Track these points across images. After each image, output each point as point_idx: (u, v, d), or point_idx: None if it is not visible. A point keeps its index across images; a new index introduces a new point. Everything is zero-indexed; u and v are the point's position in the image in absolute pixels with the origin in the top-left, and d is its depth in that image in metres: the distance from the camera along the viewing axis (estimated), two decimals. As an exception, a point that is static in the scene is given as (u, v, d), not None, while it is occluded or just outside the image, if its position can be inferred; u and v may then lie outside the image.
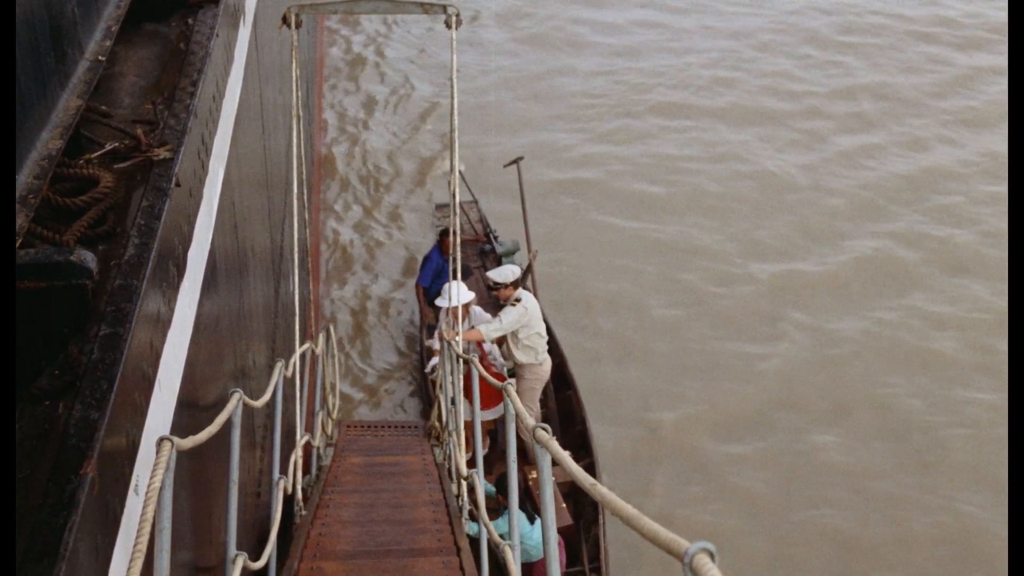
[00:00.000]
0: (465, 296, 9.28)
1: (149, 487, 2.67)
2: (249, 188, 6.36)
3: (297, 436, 6.78)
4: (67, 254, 2.89)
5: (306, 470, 7.61)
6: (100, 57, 3.96)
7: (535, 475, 8.00)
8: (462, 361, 7.34)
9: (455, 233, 7.23)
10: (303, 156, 7.04)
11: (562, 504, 8.58)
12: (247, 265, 6.11)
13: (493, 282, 9.19)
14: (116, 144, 3.72)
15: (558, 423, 9.71)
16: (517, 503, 4.93)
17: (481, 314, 9.74)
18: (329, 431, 9.08)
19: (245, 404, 4.31)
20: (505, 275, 9.15)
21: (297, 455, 6.47)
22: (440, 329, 9.51)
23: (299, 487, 6.62)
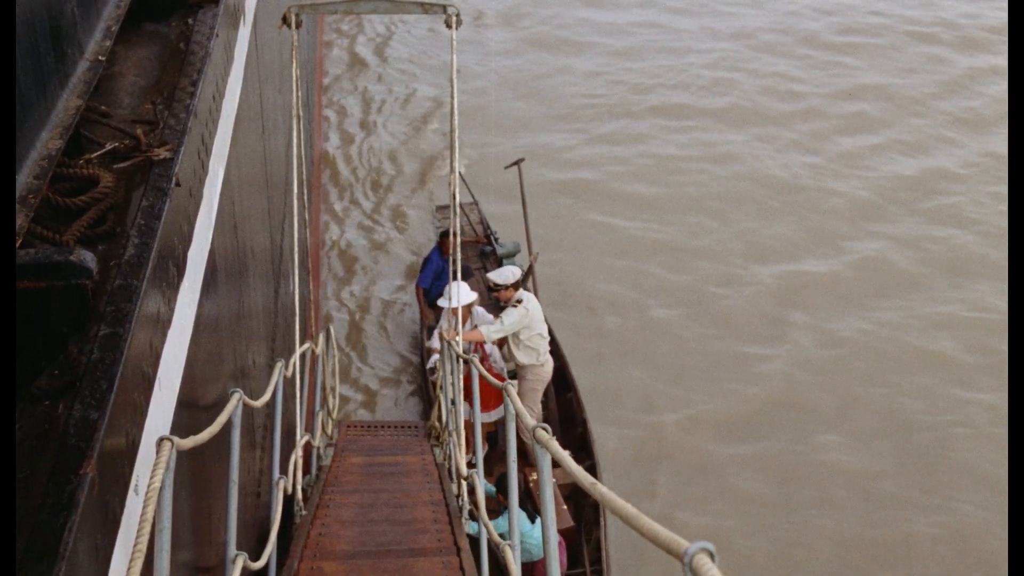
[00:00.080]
0: (468, 297, 9.27)
1: (149, 487, 2.67)
2: (249, 188, 6.36)
3: (297, 436, 6.78)
4: (67, 254, 2.89)
5: (306, 470, 7.61)
6: (100, 57, 3.96)
7: (536, 477, 8.00)
8: (462, 361, 7.34)
9: (455, 234, 7.21)
10: (303, 156, 7.04)
11: (563, 506, 8.57)
12: (247, 265, 6.10)
13: (493, 284, 9.17)
14: (116, 144, 3.72)
15: (559, 425, 9.70)
16: (517, 503, 4.92)
17: (484, 315, 9.72)
18: (329, 431, 9.08)
19: (245, 404, 4.31)
20: (505, 277, 9.14)
21: (297, 455, 6.47)
22: (441, 329, 9.50)
23: (299, 487, 6.61)
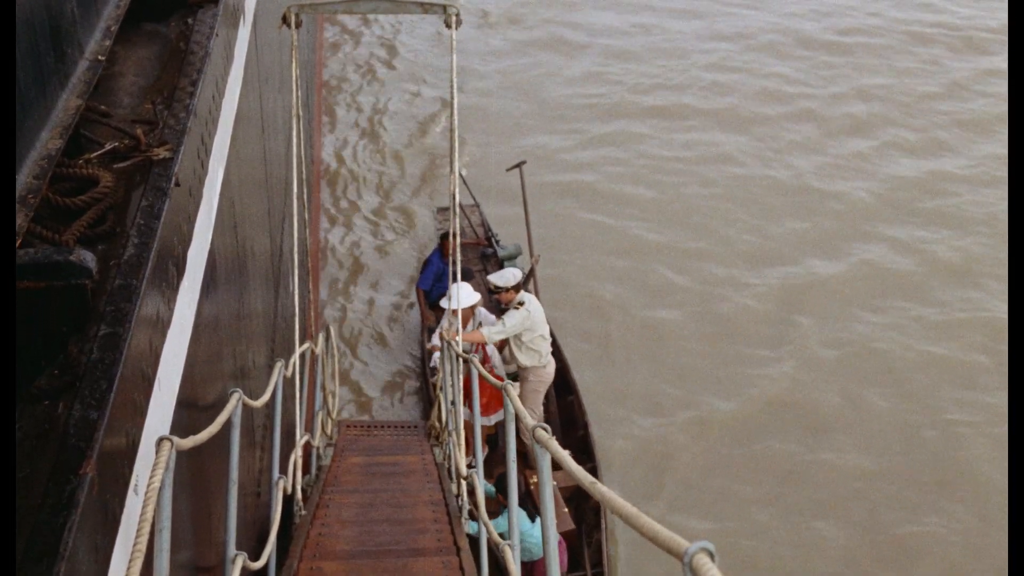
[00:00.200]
0: (472, 298, 9.25)
1: (149, 487, 2.67)
2: (249, 188, 6.36)
3: (297, 436, 6.78)
4: (67, 254, 2.89)
5: (306, 470, 7.61)
6: (100, 57, 3.96)
7: (536, 479, 7.99)
8: (462, 361, 7.33)
9: (455, 235, 7.21)
10: (303, 156, 7.04)
11: (564, 508, 8.56)
12: (247, 265, 6.10)
13: (494, 286, 9.15)
14: (116, 144, 3.72)
15: (560, 427, 9.69)
16: (517, 502, 4.92)
17: (487, 316, 9.71)
18: (329, 431, 9.07)
19: (245, 404, 4.31)
20: (506, 279, 9.13)
21: (297, 455, 6.47)
22: (441, 329, 9.48)
23: (299, 487, 6.61)
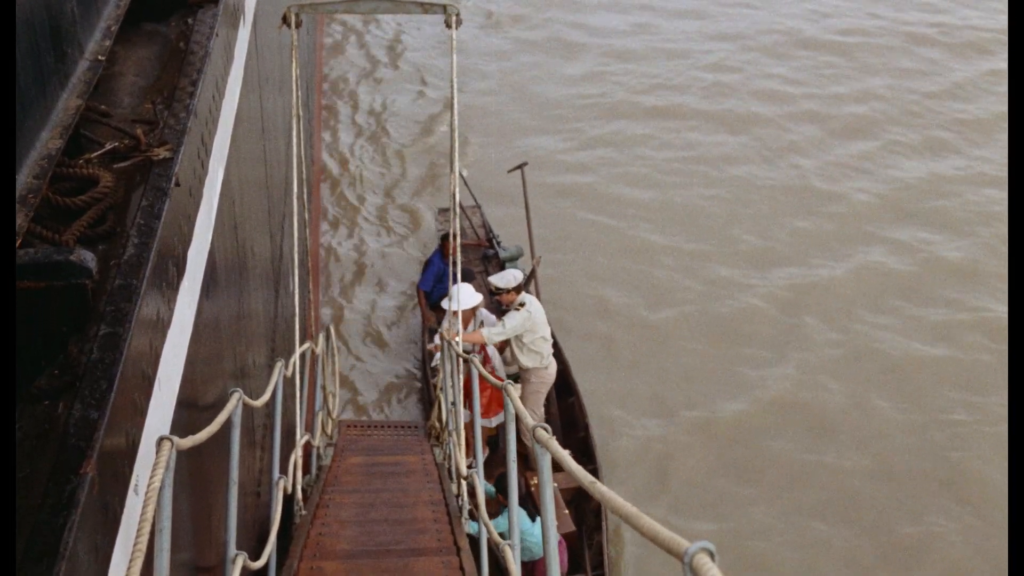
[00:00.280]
0: (474, 299, 9.24)
1: (149, 487, 2.67)
2: (249, 188, 6.36)
3: (297, 436, 6.78)
4: (67, 254, 2.89)
5: (306, 470, 7.61)
6: (100, 57, 3.96)
7: (536, 481, 7.99)
8: (462, 361, 7.33)
9: (455, 236, 7.21)
10: (303, 156, 7.04)
11: (564, 510, 8.55)
12: (247, 265, 6.10)
13: (495, 287, 9.15)
14: (116, 144, 3.72)
15: (561, 429, 9.67)
16: (517, 502, 4.92)
17: (488, 316, 9.70)
18: (329, 431, 9.07)
19: (245, 404, 4.31)
20: (507, 280, 9.12)
21: (297, 455, 6.47)
22: (442, 329, 9.48)
23: (299, 487, 6.61)
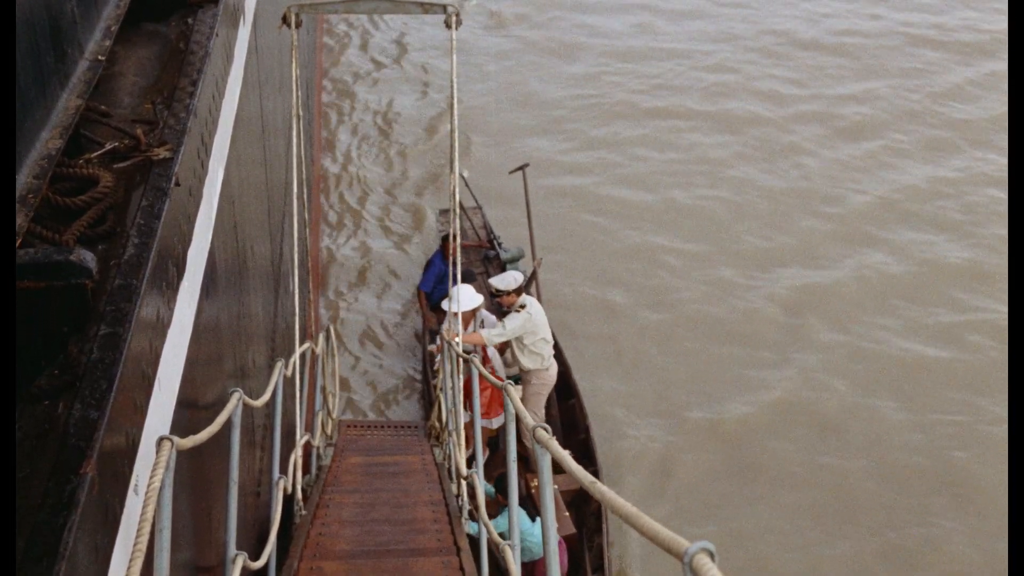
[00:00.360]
0: (474, 301, 9.23)
1: (149, 487, 2.67)
2: (249, 188, 6.36)
3: (297, 436, 6.78)
4: (67, 254, 2.89)
5: (306, 470, 7.61)
6: (100, 57, 3.96)
7: (537, 482, 7.99)
8: (463, 361, 7.33)
9: (454, 237, 7.22)
10: (303, 156, 7.04)
11: (565, 513, 8.54)
12: (247, 265, 6.10)
13: (495, 289, 9.14)
14: (116, 144, 3.72)
15: (561, 431, 9.67)
16: (517, 502, 4.92)
17: (488, 317, 9.70)
18: (329, 431, 9.07)
19: (245, 404, 4.31)
20: (507, 282, 9.11)
21: (297, 455, 6.47)
22: (443, 330, 9.49)
23: (299, 487, 6.61)
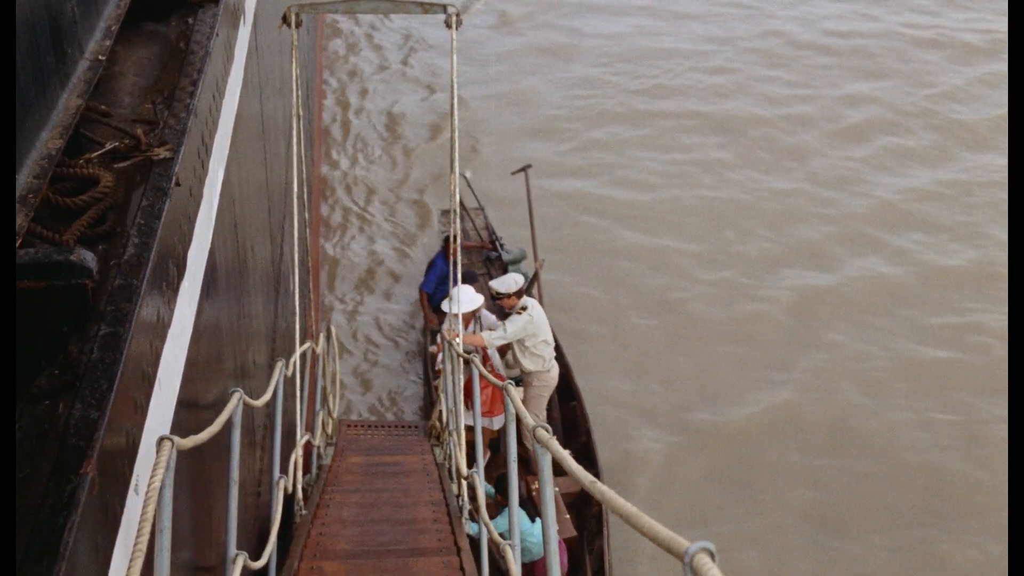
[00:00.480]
0: (474, 302, 9.22)
1: (149, 487, 2.67)
2: (249, 187, 6.36)
3: (297, 435, 6.78)
4: (67, 254, 2.89)
5: (306, 469, 7.61)
6: (100, 57, 3.96)
7: (537, 484, 7.98)
8: (463, 361, 7.33)
9: (455, 237, 7.23)
10: (303, 156, 7.04)
11: (565, 515, 8.53)
12: (247, 264, 6.10)
13: (496, 292, 9.13)
14: (116, 144, 3.72)
15: (562, 433, 9.66)
16: (517, 502, 4.92)
17: (487, 316, 9.69)
18: (329, 430, 9.08)
19: (245, 404, 4.31)
20: (508, 285, 9.10)
21: (297, 454, 6.47)
22: (443, 330, 9.49)
23: (299, 486, 6.61)
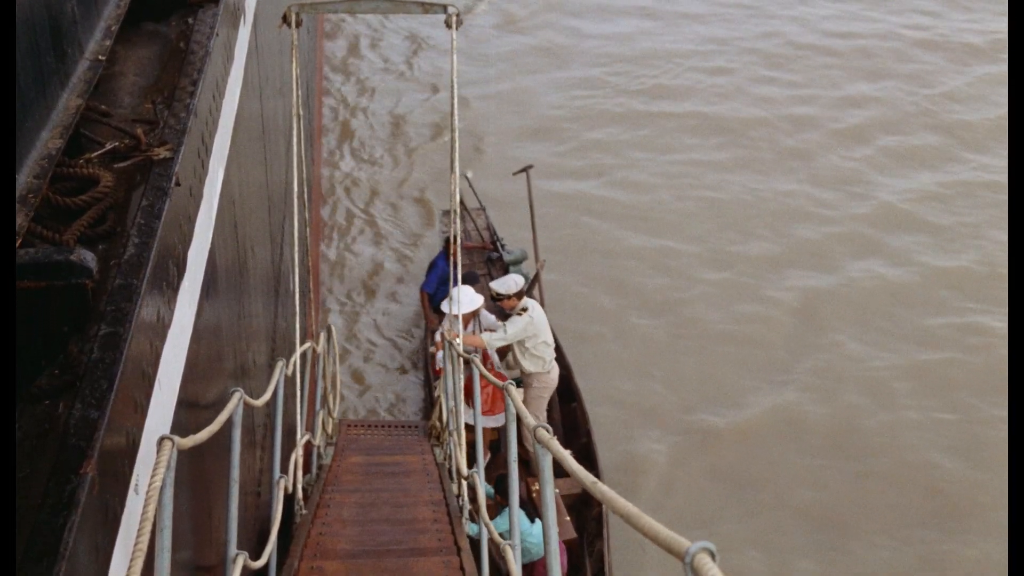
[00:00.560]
0: (474, 302, 9.22)
1: (150, 486, 2.67)
2: (249, 187, 6.36)
3: (298, 435, 6.78)
4: (67, 254, 2.89)
5: (306, 469, 7.61)
6: (100, 57, 3.96)
7: (537, 486, 7.98)
8: (463, 361, 7.33)
9: (455, 238, 7.23)
10: (303, 155, 7.04)
11: (565, 517, 8.52)
12: (247, 264, 6.10)
13: (496, 293, 9.12)
14: (116, 144, 3.72)
15: (563, 434, 9.66)
16: (517, 502, 4.92)
17: (488, 316, 9.69)
18: (330, 430, 9.08)
19: (246, 403, 4.31)
20: (508, 286, 9.09)
21: (297, 454, 6.46)
22: (443, 329, 9.48)
23: (299, 486, 6.61)
